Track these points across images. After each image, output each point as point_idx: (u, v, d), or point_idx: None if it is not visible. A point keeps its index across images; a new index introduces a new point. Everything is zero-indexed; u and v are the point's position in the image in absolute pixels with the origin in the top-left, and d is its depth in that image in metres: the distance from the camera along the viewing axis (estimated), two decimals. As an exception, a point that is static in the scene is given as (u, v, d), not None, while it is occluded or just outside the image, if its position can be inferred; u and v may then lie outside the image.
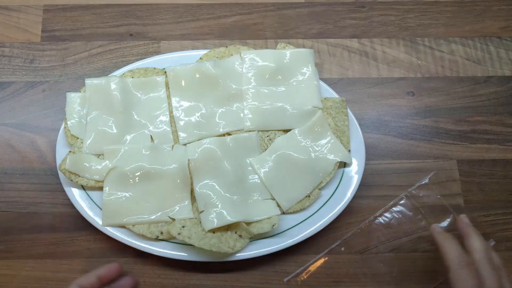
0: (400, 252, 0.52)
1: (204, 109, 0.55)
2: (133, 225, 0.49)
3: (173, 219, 0.50)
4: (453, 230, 0.48)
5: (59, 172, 0.51)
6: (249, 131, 0.54)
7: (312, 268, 0.51)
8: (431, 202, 0.53)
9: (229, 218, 0.48)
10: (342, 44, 0.63)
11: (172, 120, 0.55)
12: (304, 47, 0.62)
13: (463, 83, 0.61)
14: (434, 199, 0.54)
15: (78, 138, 0.53)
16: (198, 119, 0.55)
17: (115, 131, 0.53)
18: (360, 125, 0.56)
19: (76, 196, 0.51)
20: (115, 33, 0.62)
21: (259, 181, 0.52)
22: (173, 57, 0.59)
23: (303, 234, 0.50)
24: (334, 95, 0.57)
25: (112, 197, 0.50)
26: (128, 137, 0.54)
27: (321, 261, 0.51)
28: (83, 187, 0.51)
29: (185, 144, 0.53)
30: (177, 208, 0.51)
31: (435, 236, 0.46)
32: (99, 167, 0.51)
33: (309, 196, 0.52)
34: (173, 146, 0.53)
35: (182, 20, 0.64)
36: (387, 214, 0.53)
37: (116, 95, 0.54)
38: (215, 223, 0.48)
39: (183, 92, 0.56)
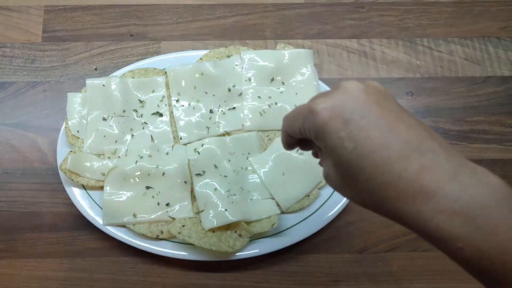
0: (400, 252, 0.53)
1: (204, 109, 0.55)
2: (133, 225, 0.50)
3: (173, 219, 0.50)
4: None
5: (60, 171, 0.51)
6: (249, 131, 0.55)
7: None
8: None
9: (229, 218, 0.48)
10: (341, 45, 0.63)
11: (172, 120, 0.55)
12: (303, 47, 0.62)
13: (462, 83, 0.61)
14: None
15: (78, 138, 0.53)
16: (198, 119, 0.55)
17: (115, 131, 0.53)
18: (359, 125, 0.56)
19: (77, 195, 0.51)
20: (116, 33, 0.63)
21: (259, 180, 0.52)
22: (173, 58, 0.59)
23: (303, 234, 0.50)
24: (334, 95, 0.57)
25: (112, 197, 0.51)
26: (128, 137, 0.54)
27: None
28: (83, 187, 0.51)
29: (185, 144, 0.54)
30: (177, 207, 0.51)
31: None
32: (100, 167, 0.51)
33: (308, 195, 0.52)
34: (173, 146, 0.53)
35: (182, 21, 0.64)
36: None
37: (117, 95, 0.54)
38: (215, 223, 0.48)
39: (183, 92, 0.56)
